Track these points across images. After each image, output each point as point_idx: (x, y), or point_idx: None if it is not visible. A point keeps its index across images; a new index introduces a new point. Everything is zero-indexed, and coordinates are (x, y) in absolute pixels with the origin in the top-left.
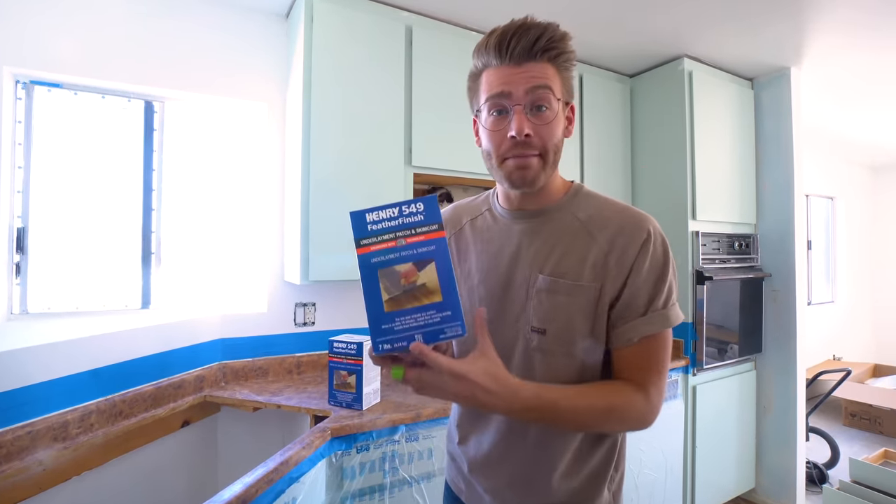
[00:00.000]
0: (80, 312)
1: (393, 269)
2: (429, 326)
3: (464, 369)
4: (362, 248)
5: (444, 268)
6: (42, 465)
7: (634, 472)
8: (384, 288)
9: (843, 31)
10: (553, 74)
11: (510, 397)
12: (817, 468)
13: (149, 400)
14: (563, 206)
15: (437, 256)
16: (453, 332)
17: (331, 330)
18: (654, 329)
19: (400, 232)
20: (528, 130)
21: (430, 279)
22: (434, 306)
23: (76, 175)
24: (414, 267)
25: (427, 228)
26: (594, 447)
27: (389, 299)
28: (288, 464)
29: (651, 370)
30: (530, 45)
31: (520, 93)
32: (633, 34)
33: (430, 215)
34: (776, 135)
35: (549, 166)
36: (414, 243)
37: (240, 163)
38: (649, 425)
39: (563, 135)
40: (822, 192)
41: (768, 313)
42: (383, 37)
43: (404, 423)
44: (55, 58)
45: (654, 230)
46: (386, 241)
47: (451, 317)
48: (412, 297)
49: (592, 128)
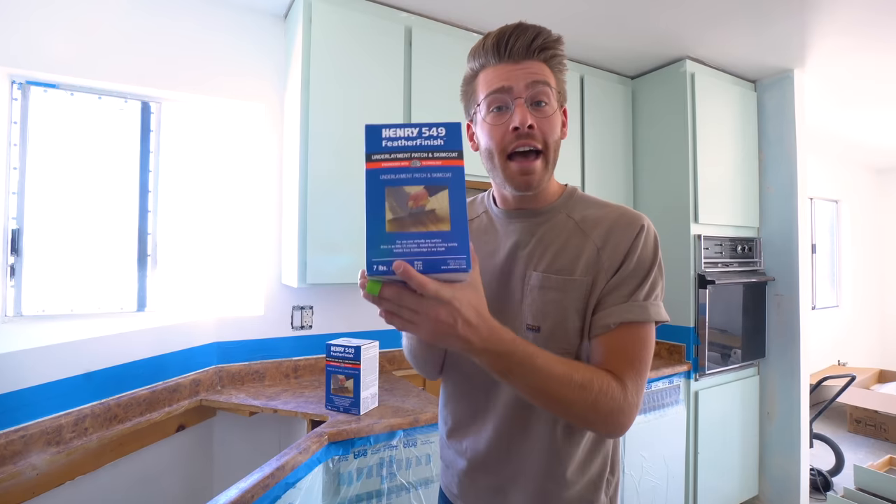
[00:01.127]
0: (75, 315)
1: (402, 189)
2: (432, 254)
3: (450, 294)
4: (372, 162)
5: (457, 197)
6: (36, 470)
7: (636, 479)
8: (389, 207)
9: (847, 32)
10: (549, 74)
11: (489, 334)
12: (821, 475)
13: (144, 404)
14: (557, 207)
15: (451, 184)
16: (457, 264)
17: (328, 333)
18: (632, 317)
19: (416, 153)
20: (531, 121)
21: (441, 206)
22: (440, 235)
23: (72, 176)
24: (425, 191)
25: (446, 154)
26: (595, 452)
27: (393, 219)
28: (284, 469)
29: (628, 363)
30: (528, 42)
31: (520, 87)
32: (635, 35)
33: (452, 141)
34: (779, 137)
35: (550, 166)
36: (429, 167)
37: (237, 164)
38: (622, 428)
39: (560, 134)
40: (826, 195)
41: (772, 318)
42: (382, 37)
43: (402, 429)
44: (51, 58)
45: (647, 226)
46: (399, 159)
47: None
48: (418, 221)
49: (593, 130)
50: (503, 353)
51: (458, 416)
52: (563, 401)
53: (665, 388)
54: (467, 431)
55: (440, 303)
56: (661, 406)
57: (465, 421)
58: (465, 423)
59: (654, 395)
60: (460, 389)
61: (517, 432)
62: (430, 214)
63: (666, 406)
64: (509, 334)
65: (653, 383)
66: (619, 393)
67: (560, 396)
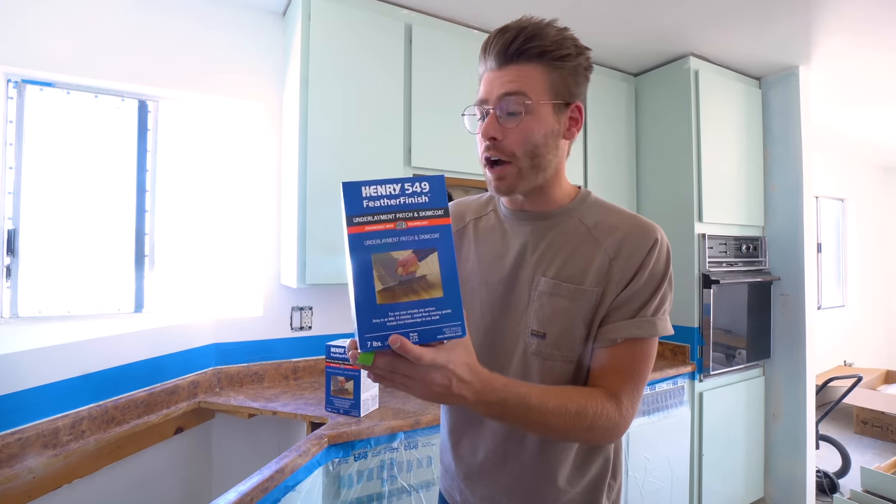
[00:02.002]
0: (71, 316)
1: (389, 255)
2: (426, 324)
3: (445, 359)
4: (355, 226)
5: (447, 259)
6: (32, 473)
7: (639, 481)
8: (378, 276)
9: (854, 29)
10: (536, 73)
11: (482, 387)
12: (828, 477)
13: (141, 406)
14: (569, 210)
15: (440, 245)
16: (453, 332)
17: (328, 335)
18: (640, 333)
19: (400, 213)
20: (493, 134)
21: (432, 271)
22: (433, 302)
23: (69, 176)
24: (414, 255)
25: (431, 213)
26: (592, 456)
27: (383, 290)
28: (284, 472)
29: (627, 377)
30: (505, 47)
31: (493, 98)
32: (638, 32)
33: (436, 197)
34: (784, 135)
35: (529, 171)
36: (416, 228)
37: (235, 163)
38: (616, 439)
39: (550, 138)
40: (832, 194)
41: (777, 318)
42: (382, 34)
43: (403, 431)
44: (47, 56)
45: (661, 238)
46: (383, 221)
47: (451, 315)
48: (410, 290)
49: (596, 127)
50: (497, 402)
51: (457, 421)
52: (559, 431)
53: (669, 390)
54: (466, 437)
55: (436, 368)
56: (665, 407)
57: (463, 426)
58: (463, 428)
59: (657, 396)
60: None
61: (514, 439)
62: (421, 281)
63: (670, 407)
64: (501, 381)
65: (656, 384)
66: (614, 412)
67: (556, 427)
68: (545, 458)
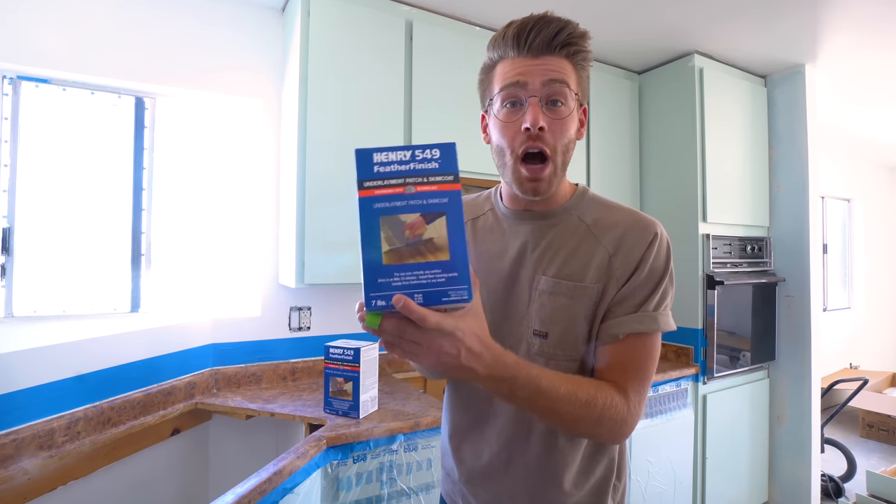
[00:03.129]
0: (67, 316)
1: (397, 217)
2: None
3: (453, 325)
4: (365, 190)
5: (455, 224)
6: (27, 475)
7: (642, 485)
8: (385, 238)
9: (860, 26)
10: (570, 71)
11: (493, 361)
12: (833, 481)
13: (138, 407)
14: (568, 208)
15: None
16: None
17: (327, 335)
18: (642, 328)
19: (410, 178)
20: (542, 123)
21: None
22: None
23: (64, 174)
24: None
25: (441, 178)
26: (597, 456)
27: (390, 251)
28: (282, 474)
29: (633, 373)
30: (550, 37)
31: (536, 84)
32: (642, 29)
33: (447, 164)
34: (790, 134)
35: (560, 170)
36: (425, 192)
37: (233, 161)
38: (624, 437)
39: (575, 136)
40: (838, 194)
41: (782, 319)
42: (382, 31)
43: (403, 433)
44: (43, 52)
45: (660, 233)
46: (393, 185)
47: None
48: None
49: (599, 126)
50: (507, 379)
51: (460, 424)
52: (567, 418)
53: (672, 392)
54: (468, 440)
55: (443, 334)
56: (669, 410)
57: (466, 429)
58: (465, 431)
59: (661, 398)
60: (463, 397)
61: (519, 441)
62: (427, 244)
63: (673, 410)
64: (512, 358)
65: (659, 386)
66: (623, 405)
67: (565, 415)
68: (550, 460)
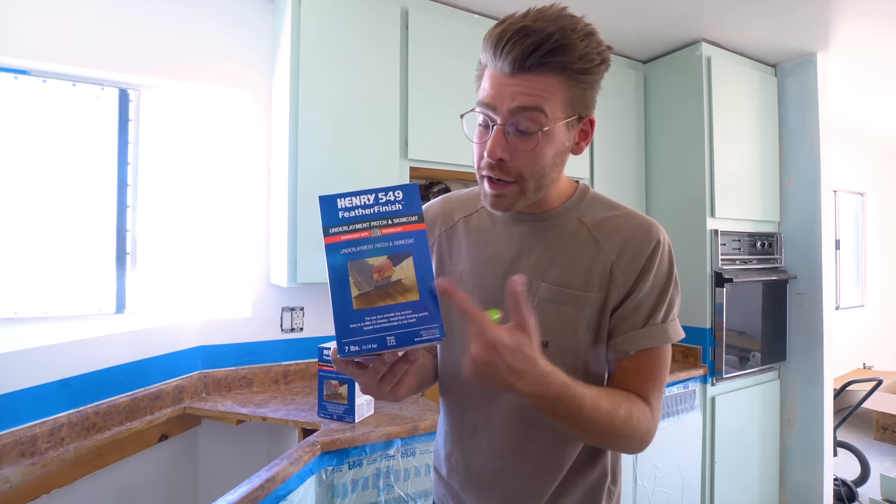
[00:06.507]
0: (49, 317)
1: (365, 262)
2: (403, 328)
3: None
4: (331, 237)
5: (422, 263)
6: (8, 483)
7: (649, 490)
8: (354, 283)
9: (875, 13)
10: (555, 88)
11: (544, 379)
12: (846, 485)
13: (124, 412)
14: (567, 209)
15: (415, 250)
16: (430, 335)
17: (320, 336)
18: (652, 343)
19: (375, 221)
20: (501, 155)
21: (407, 275)
22: (410, 305)
23: (45, 169)
24: (389, 261)
25: (405, 219)
26: (591, 463)
27: (359, 295)
28: (274, 481)
29: (650, 382)
30: (525, 54)
31: (504, 110)
32: (647, 16)
33: (410, 204)
34: (801, 125)
35: (532, 191)
36: (390, 234)
37: (222, 156)
38: (647, 446)
39: (558, 157)
40: (851, 188)
41: (793, 318)
42: (377, 19)
43: (399, 437)
44: (22, 42)
45: (663, 240)
46: (359, 230)
47: (428, 318)
48: (385, 295)
49: (602, 118)
50: (551, 398)
51: (453, 430)
52: (600, 434)
53: (680, 394)
54: (461, 447)
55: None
56: (676, 412)
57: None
58: (459, 438)
59: (668, 400)
60: (457, 404)
61: (513, 449)
62: (396, 285)
63: (681, 412)
64: (561, 377)
65: (667, 388)
66: (649, 416)
67: (598, 432)
68: (547, 467)
